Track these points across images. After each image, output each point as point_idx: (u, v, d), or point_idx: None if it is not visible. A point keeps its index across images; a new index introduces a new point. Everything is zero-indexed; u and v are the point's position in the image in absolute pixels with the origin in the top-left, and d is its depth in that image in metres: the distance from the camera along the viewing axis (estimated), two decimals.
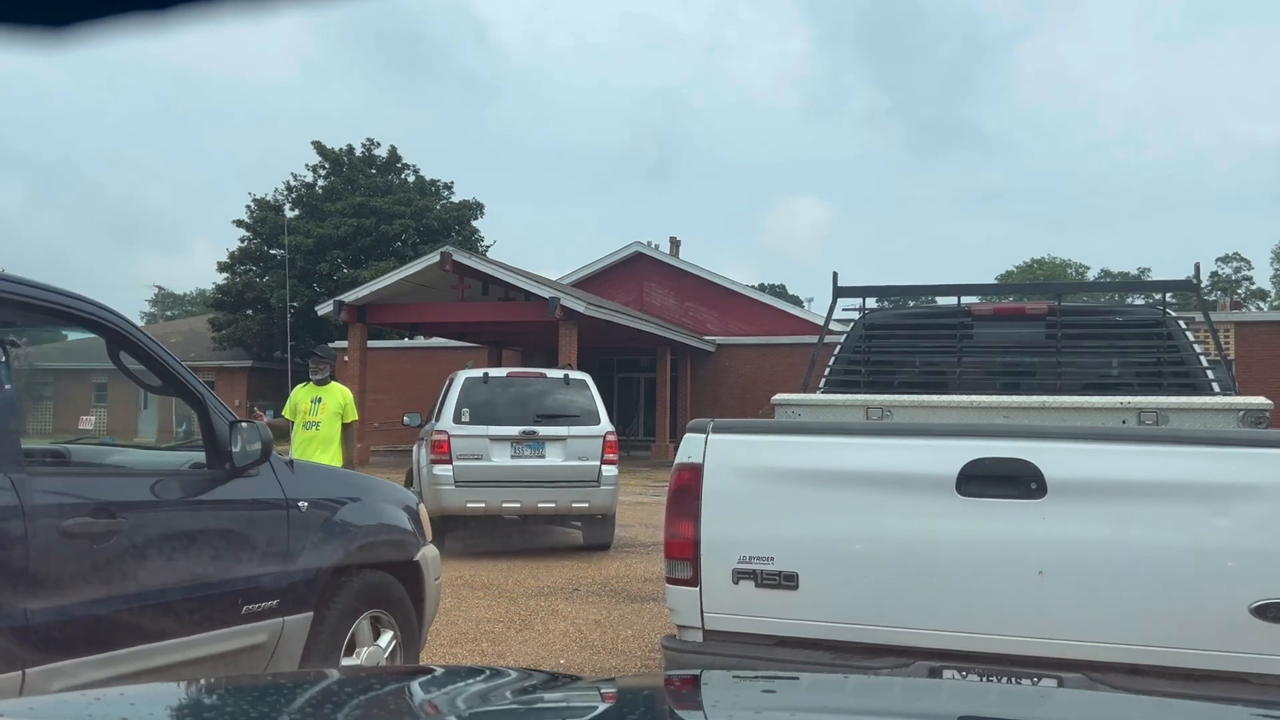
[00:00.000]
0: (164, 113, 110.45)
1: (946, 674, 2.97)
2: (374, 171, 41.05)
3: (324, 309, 23.27)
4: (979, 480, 3.02)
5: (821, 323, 5.75)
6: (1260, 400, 3.91)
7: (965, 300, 5.23)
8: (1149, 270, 76.67)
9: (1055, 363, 4.94)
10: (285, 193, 41.18)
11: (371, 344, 35.14)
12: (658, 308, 34.22)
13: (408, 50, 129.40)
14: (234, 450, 3.57)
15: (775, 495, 3.25)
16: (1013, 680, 2.89)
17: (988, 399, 4.18)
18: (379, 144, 41.35)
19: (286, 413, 9.03)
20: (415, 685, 1.73)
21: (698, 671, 2.21)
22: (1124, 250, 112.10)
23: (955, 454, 3.05)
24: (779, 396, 4.41)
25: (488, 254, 40.88)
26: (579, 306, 21.55)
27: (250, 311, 37.73)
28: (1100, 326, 5.06)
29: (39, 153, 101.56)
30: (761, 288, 45.25)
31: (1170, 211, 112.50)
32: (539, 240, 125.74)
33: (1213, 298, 65.68)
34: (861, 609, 3.12)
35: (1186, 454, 2.96)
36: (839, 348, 5.33)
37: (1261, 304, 65.41)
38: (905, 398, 4.36)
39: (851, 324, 5.40)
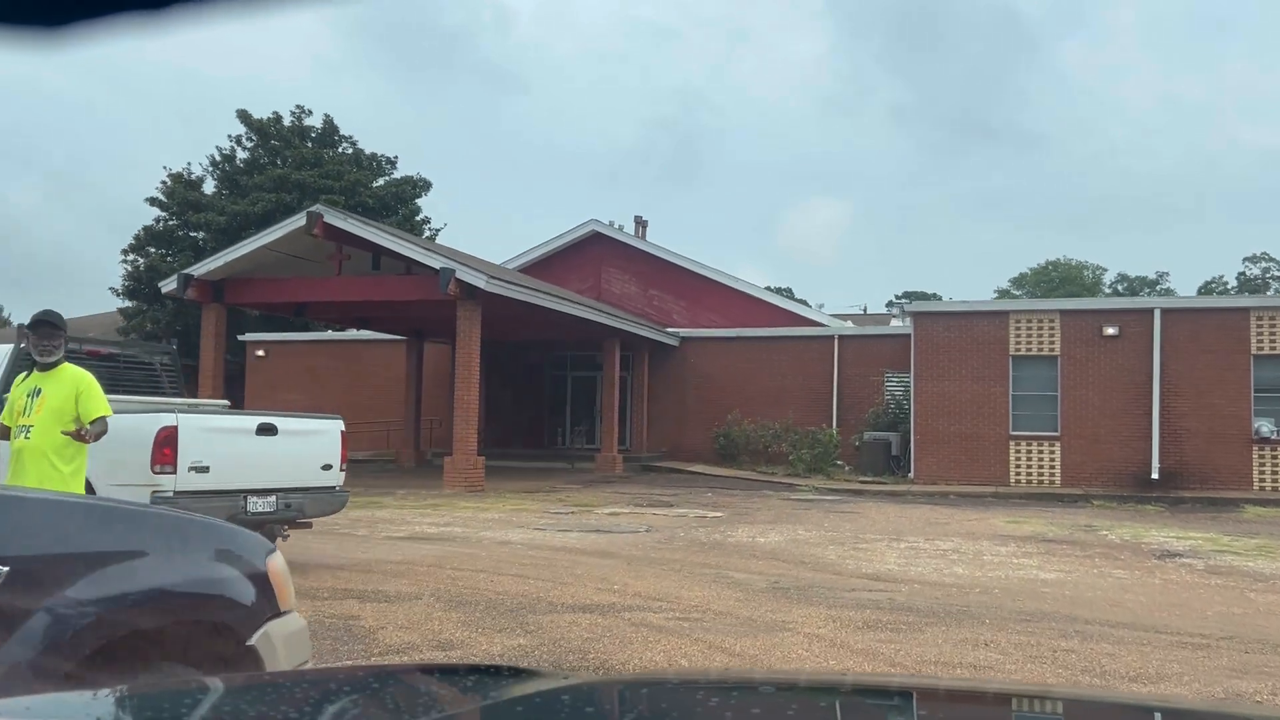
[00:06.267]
0: (165, 110, 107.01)
1: (251, 499, 7.91)
2: (309, 145, 36.40)
3: (168, 286, 18.41)
4: (262, 429, 8.21)
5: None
6: (221, 401, 13.70)
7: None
8: (1167, 274, 72.62)
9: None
10: (210, 167, 36.63)
11: (283, 336, 30.33)
12: (618, 296, 29.20)
13: (410, 45, 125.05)
14: None
15: (204, 436, 7.74)
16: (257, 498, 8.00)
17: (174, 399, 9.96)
18: (310, 112, 36.69)
19: (4, 417, 6.11)
20: (414, 684, 1.74)
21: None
22: (1140, 251, 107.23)
23: (254, 419, 8.45)
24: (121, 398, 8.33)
25: (435, 238, 36.15)
26: (478, 281, 16.74)
27: (162, 302, 33.12)
28: (109, 361, 10.04)
29: (42, 150, 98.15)
30: (769, 290, 40.03)
31: (1190, 213, 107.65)
32: (538, 235, 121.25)
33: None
34: (234, 478, 7.79)
35: (293, 419, 9.13)
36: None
37: None
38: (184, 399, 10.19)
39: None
